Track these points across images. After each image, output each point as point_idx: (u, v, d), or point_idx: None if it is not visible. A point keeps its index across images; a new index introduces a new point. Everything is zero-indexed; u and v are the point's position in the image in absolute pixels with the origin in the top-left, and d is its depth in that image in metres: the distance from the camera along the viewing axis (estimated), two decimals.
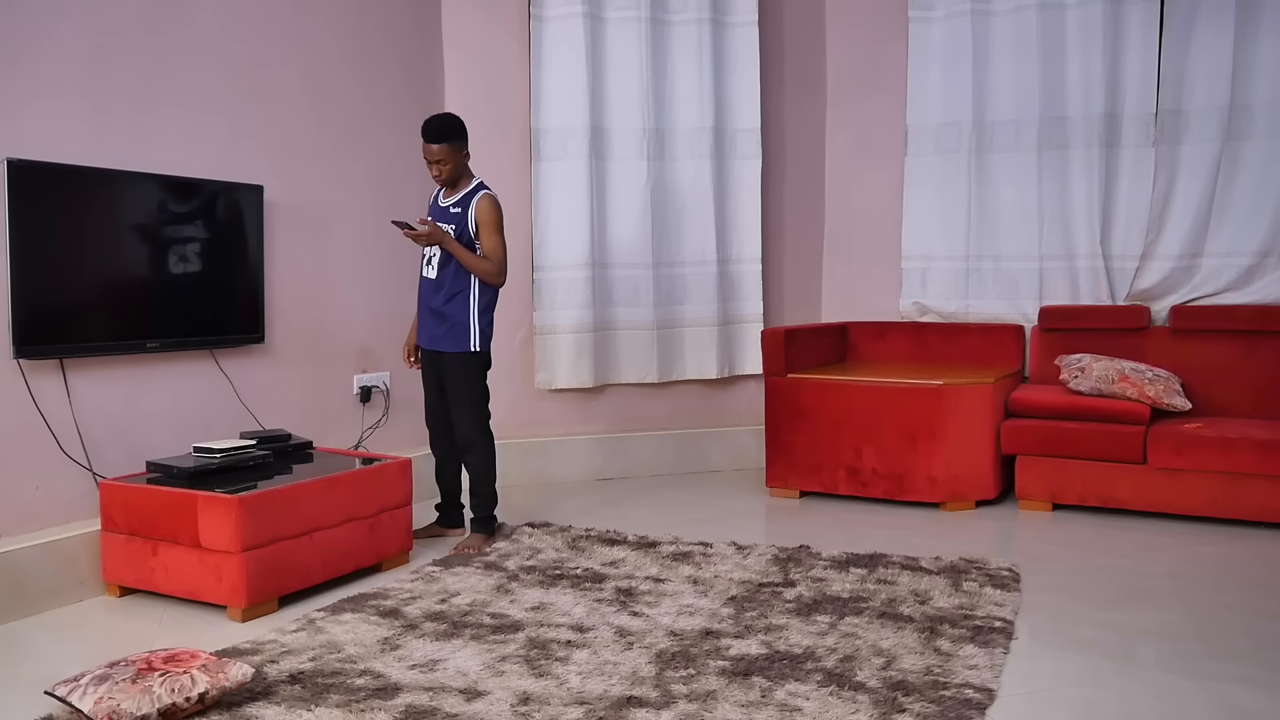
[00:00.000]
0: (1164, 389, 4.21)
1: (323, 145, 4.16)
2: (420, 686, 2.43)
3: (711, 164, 5.07)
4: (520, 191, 4.85)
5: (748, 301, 5.25)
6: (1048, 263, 4.92)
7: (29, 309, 3.04)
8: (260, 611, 3.01)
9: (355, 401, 4.36)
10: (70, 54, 3.19)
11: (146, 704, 2.17)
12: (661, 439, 5.14)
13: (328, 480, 3.26)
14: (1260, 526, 3.96)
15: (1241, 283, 4.55)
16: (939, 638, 2.74)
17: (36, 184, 3.04)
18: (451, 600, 3.10)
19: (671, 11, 5.01)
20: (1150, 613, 2.98)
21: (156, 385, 3.49)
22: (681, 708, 2.31)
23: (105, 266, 3.29)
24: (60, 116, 3.17)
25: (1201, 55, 4.56)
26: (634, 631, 2.81)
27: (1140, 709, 2.33)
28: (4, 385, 3.04)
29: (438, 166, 3.64)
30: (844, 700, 2.33)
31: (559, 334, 4.90)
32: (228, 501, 2.94)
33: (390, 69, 4.51)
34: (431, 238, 3.61)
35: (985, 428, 4.31)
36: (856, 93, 5.42)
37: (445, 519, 3.96)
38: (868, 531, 3.94)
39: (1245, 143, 4.51)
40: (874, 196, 5.39)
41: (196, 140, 3.60)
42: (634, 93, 4.94)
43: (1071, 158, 4.85)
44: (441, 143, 3.61)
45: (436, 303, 3.71)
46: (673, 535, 3.84)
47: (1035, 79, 4.86)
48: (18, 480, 3.08)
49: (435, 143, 3.61)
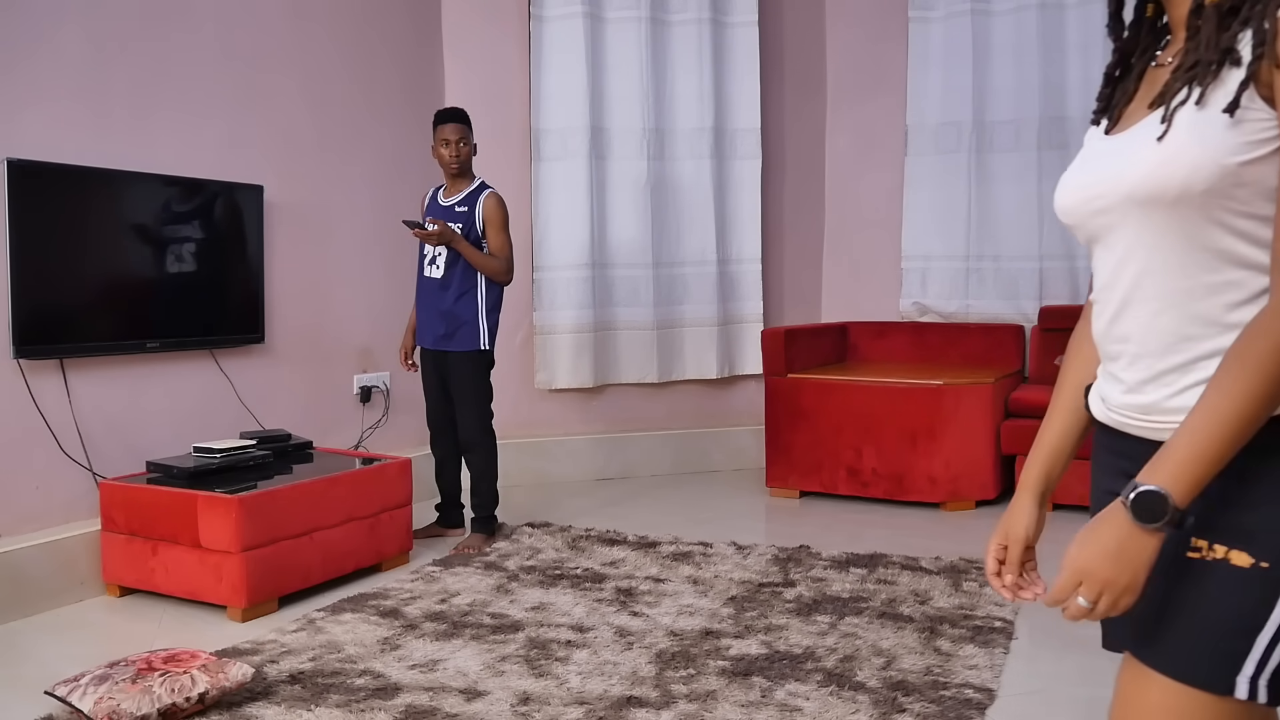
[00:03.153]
0: None
1: (323, 145, 4.16)
2: (420, 686, 2.43)
3: (711, 164, 5.07)
4: (520, 191, 4.85)
5: (748, 301, 5.25)
6: (1048, 263, 4.92)
7: (29, 309, 3.04)
8: (260, 611, 3.01)
9: (355, 401, 4.36)
10: (70, 54, 3.19)
11: (146, 704, 2.17)
12: (661, 439, 5.14)
13: (328, 480, 3.26)
14: None
15: None
16: (939, 638, 2.74)
17: (36, 184, 3.04)
18: (451, 600, 3.10)
19: (671, 11, 5.01)
20: None
21: (156, 385, 3.49)
22: (681, 708, 2.31)
23: (105, 266, 3.29)
24: (60, 116, 3.17)
25: None
26: (634, 631, 2.82)
27: None
28: (4, 385, 3.04)
29: (455, 146, 3.69)
30: (844, 700, 2.33)
31: (559, 334, 4.90)
32: (228, 501, 2.94)
33: (390, 69, 4.51)
34: (442, 237, 3.61)
35: (985, 428, 4.31)
36: (856, 93, 5.42)
37: (445, 519, 3.96)
38: (868, 531, 3.94)
39: None
40: (874, 196, 5.39)
41: (196, 140, 3.61)
42: (634, 93, 4.94)
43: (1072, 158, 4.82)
44: (459, 122, 3.71)
45: (444, 303, 3.71)
46: (673, 535, 3.84)
47: (1035, 79, 4.86)
48: (18, 480, 3.08)
49: (453, 122, 3.70)
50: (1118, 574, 0.97)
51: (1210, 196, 0.98)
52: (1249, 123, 0.96)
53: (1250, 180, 0.97)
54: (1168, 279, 1.03)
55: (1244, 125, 0.96)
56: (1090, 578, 0.98)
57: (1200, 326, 1.01)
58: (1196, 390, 1.00)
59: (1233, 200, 0.98)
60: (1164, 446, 0.98)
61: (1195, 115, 0.99)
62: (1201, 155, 0.98)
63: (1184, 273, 1.02)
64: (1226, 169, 0.97)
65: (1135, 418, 1.08)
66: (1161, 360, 1.04)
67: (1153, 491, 0.95)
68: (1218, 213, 0.99)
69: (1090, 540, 0.99)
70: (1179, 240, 1.01)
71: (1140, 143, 1.04)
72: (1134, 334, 1.07)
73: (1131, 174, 1.04)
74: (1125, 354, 1.09)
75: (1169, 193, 1.00)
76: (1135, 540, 0.96)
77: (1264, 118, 0.95)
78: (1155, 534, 0.96)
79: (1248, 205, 0.98)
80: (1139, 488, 0.96)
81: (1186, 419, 0.97)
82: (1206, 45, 1.00)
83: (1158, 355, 1.05)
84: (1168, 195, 1.00)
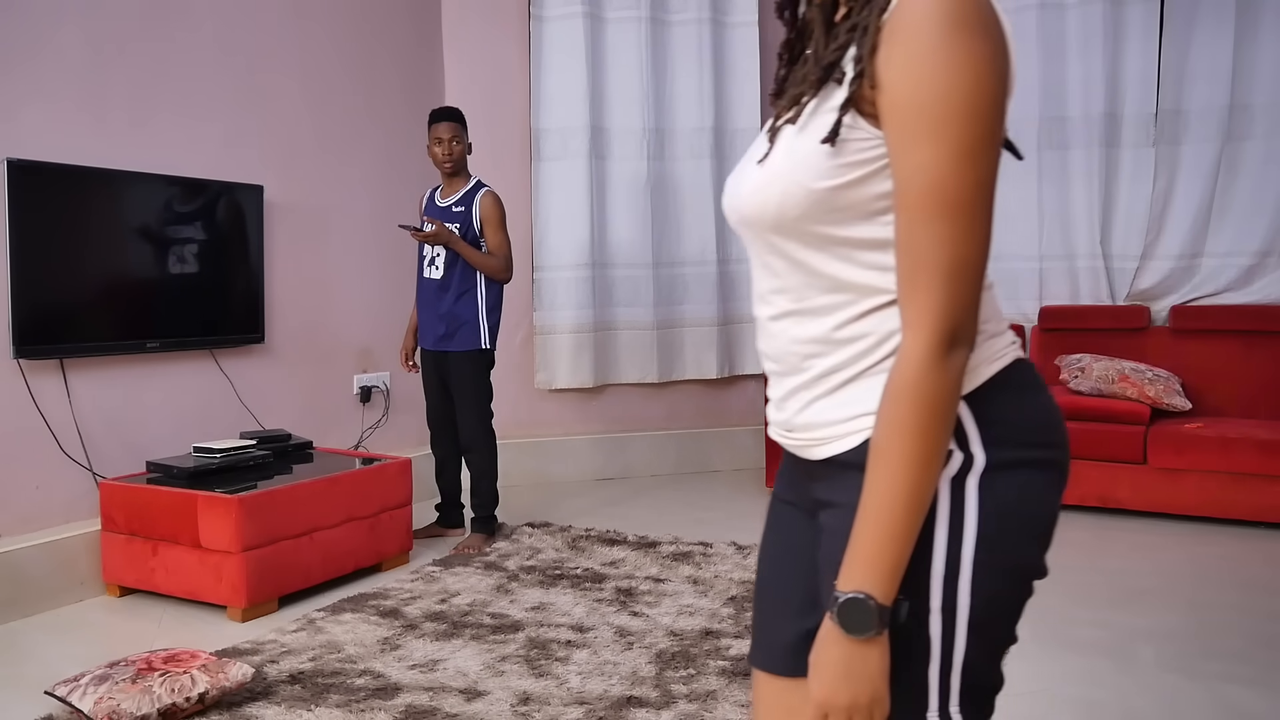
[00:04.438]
0: (1164, 389, 4.21)
1: (322, 145, 4.16)
2: (420, 686, 2.43)
3: (711, 164, 5.07)
4: (520, 191, 4.85)
5: (748, 301, 5.25)
6: (1048, 263, 4.92)
7: (29, 309, 3.04)
8: (260, 611, 3.01)
9: (355, 401, 4.36)
10: (71, 54, 3.19)
11: (146, 704, 2.17)
12: (661, 439, 5.14)
13: (328, 480, 3.26)
14: (1260, 526, 3.96)
15: (1241, 283, 4.55)
16: None
17: (36, 184, 3.04)
18: (451, 600, 3.10)
19: (671, 11, 5.00)
20: (1149, 613, 2.98)
21: (156, 385, 3.49)
22: (681, 708, 2.31)
23: (105, 266, 3.29)
24: (60, 116, 3.17)
25: (1201, 55, 4.56)
26: (634, 631, 2.81)
27: (1140, 709, 2.33)
28: (4, 385, 3.04)
29: (449, 145, 3.68)
30: None
31: (559, 334, 4.89)
32: (228, 501, 2.94)
33: (390, 69, 4.51)
34: (439, 238, 3.61)
35: None
36: None
37: (445, 519, 3.96)
38: None
39: (1245, 143, 4.51)
40: None
41: (196, 140, 3.60)
42: (634, 93, 4.93)
43: (1071, 158, 4.84)
44: (453, 121, 3.70)
45: (444, 303, 3.71)
46: (673, 535, 3.84)
47: (1035, 79, 4.85)
48: (18, 480, 3.08)
49: (446, 121, 3.69)
50: (856, 694, 0.90)
51: (805, 221, 0.94)
52: (851, 143, 0.90)
53: (846, 204, 0.92)
54: (786, 299, 1.00)
55: (846, 145, 0.90)
56: (834, 709, 0.91)
57: (817, 345, 0.98)
58: (819, 405, 0.98)
59: (833, 225, 0.93)
60: (850, 543, 0.91)
61: (794, 138, 0.95)
62: (792, 181, 0.93)
63: (799, 294, 0.99)
64: (817, 194, 0.92)
65: (781, 434, 1.06)
66: (791, 378, 1.01)
67: (854, 599, 0.89)
68: (817, 237, 0.95)
69: (819, 667, 0.93)
70: (789, 262, 0.98)
71: (752, 160, 1.01)
72: (770, 351, 1.04)
73: (740, 193, 1.01)
74: (769, 370, 1.06)
75: (767, 217, 0.97)
76: (858, 654, 0.90)
77: (866, 137, 0.90)
78: (872, 640, 0.90)
79: (848, 229, 0.93)
80: (840, 598, 0.90)
81: (860, 506, 0.90)
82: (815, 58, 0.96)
83: (787, 373, 1.02)
84: (766, 219, 0.97)
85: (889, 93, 0.87)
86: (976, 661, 0.94)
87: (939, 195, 0.86)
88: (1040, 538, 0.96)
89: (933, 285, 0.87)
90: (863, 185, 0.91)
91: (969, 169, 0.85)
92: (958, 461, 0.93)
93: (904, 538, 0.89)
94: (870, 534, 0.89)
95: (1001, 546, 0.93)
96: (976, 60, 0.84)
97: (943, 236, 0.86)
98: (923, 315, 0.87)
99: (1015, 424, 0.94)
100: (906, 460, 0.88)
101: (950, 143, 0.85)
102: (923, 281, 0.87)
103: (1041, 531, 0.96)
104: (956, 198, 0.86)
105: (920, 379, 0.87)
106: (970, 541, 0.92)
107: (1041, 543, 0.96)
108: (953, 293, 0.87)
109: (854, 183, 0.91)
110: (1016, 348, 0.99)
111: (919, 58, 0.85)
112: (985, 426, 0.93)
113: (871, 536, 0.89)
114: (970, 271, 0.88)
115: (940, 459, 0.89)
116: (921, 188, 0.86)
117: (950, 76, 0.84)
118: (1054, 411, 0.98)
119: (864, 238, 0.93)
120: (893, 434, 0.88)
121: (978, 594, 0.92)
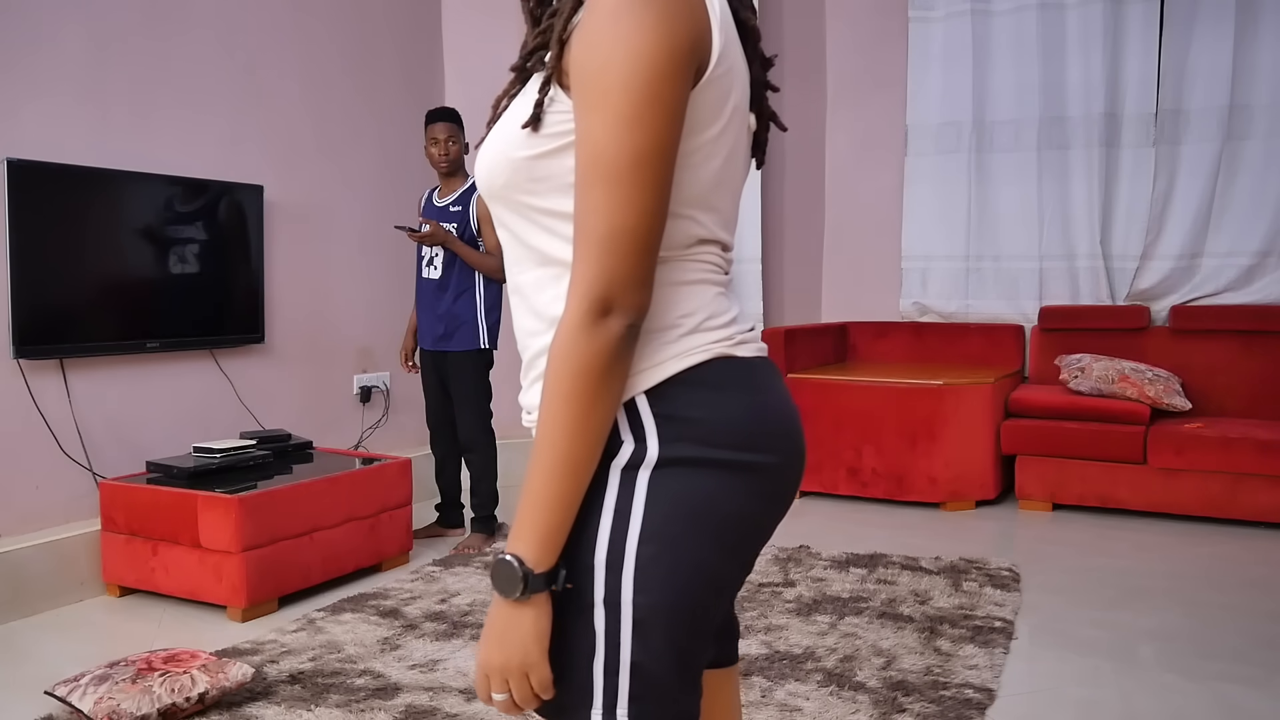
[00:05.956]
0: (1164, 389, 4.21)
1: (322, 145, 4.16)
2: (420, 686, 2.43)
3: None
4: None
5: (748, 301, 5.25)
6: (1048, 263, 4.92)
7: (29, 309, 3.04)
8: (260, 611, 3.01)
9: (355, 401, 4.36)
10: (71, 54, 3.19)
11: (146, 704, 2.17)
12: None
13: (328, 480, 3.26)
14: (1260, 526, 3.96)
15: (1241, 283, 4.55)
16: (939, 638, 2.74)
17: (36, 184, 3.04)
18: (451, 600, 3.10)
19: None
20: (1150, 613, 2.98)
21: (156, 385, 3.49)
22: None
23: (105, 266, 3.29)
24: (61, 116, 3.17)
25: (1201, 55, 4.56)
26: None
27: (1140, 709, 2.33)
28: (4, 385, 3.04)
29: (445, 145, 3.70)
30: (844, 700, 2.33)
31: None
32: (228, 501, 2.94)
33: (390, 69, 4.51)
34: (435, 238, 3.62)
35: (985, 428, 4.31)
36: (856, 92, 5.42)
37: (445, 519, 3.96)
38: (868, 531, 3.94)
39: (1245, 143, 4.51)
40: (874, 196, 5.39)
41: (197, 140, 3.61)
42: None
43: (1071, 158, 4.85)
44: (450, 121, 3.72)
45: (443, 303, 3.71)
46: None
47: (1035, 79, 4.86)
48: (18, 480, 3.08)
49: (443, 121, 3.71)
50: (509, 657, 0.88)
51: (511, 191, 0.94)
52: (550, 115, 0.90)
53: (544, 175, 0.92)
54: (513, 272, 1.00)
55: (545, 118, 0.90)
56: (490, 670, 0.90)
57: (536, 321, 0.97)
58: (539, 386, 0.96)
59: (534, 195, 0.93)
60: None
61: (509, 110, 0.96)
62: (498, 151, 0.94)
63: (520, 266, 0.98)
64: (517, 163, 0.93)
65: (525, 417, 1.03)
66: (525, 355, 1.00)
67: (502, 560, 0.87)
68: (524, 208, 0.95)
69: (484, 628, 0.91)
70: (508, 233, 0.99)
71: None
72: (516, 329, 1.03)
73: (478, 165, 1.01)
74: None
75: (484, 185, 0.97)
76: (513, 617, 0.88)
77: (564, 110, 0.90)
78: (524, 604, 0.87)
79: (547, 201, 0.93)
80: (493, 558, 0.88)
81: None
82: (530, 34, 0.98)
83: (523, 351, 1.01)
84: (484, 188, 0.98)
85: (571, 65, 0.88)
86: (647, 666, 0.89)
87: (598, 163, 0.85)
88: (719, 541, 0.91)
89: (588, 253, 0.86)
90: (559, 156, 0.91)
91: (627, 137, 0.84)
92: (629, 451, 0.91)
93: (553, 505, 0.87)
94: (524, 499, 0.88)
95: (669, 545, 0.89)
96: (642, 30, 0.84)
97: (599, 205, 0.86)
98: (576, 283, 0.86)
99: (699, 422, 0.91)
100: (554, 426, 0.86)
101: (610, 110, 0.84)
102: (580, 249, 0.86)
103: (722, 535, 0.91)
104: (614, 166, 0.85)
105: (568, 346, 0.86)
106: (635, 534, 0.89)
107: (722, 546, 0.92)
108: (606, 261, 0.85)
109: (550, 153, 0.91)
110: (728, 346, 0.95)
111: (592, 30, 0.86)
112: (663, 421, 0.91)
113: (524, 501, 0.88)
114: (628, 240, 0.85)
115: (595, 431, 0.87)
116: (584, 156, 0.86)
117: (613, 46, 0.84)
118: (761, 414, 0.94)
119: (563, 210, 0.92)
120: (545, 401, 0.87)
121: (641, 590, 0.89)
